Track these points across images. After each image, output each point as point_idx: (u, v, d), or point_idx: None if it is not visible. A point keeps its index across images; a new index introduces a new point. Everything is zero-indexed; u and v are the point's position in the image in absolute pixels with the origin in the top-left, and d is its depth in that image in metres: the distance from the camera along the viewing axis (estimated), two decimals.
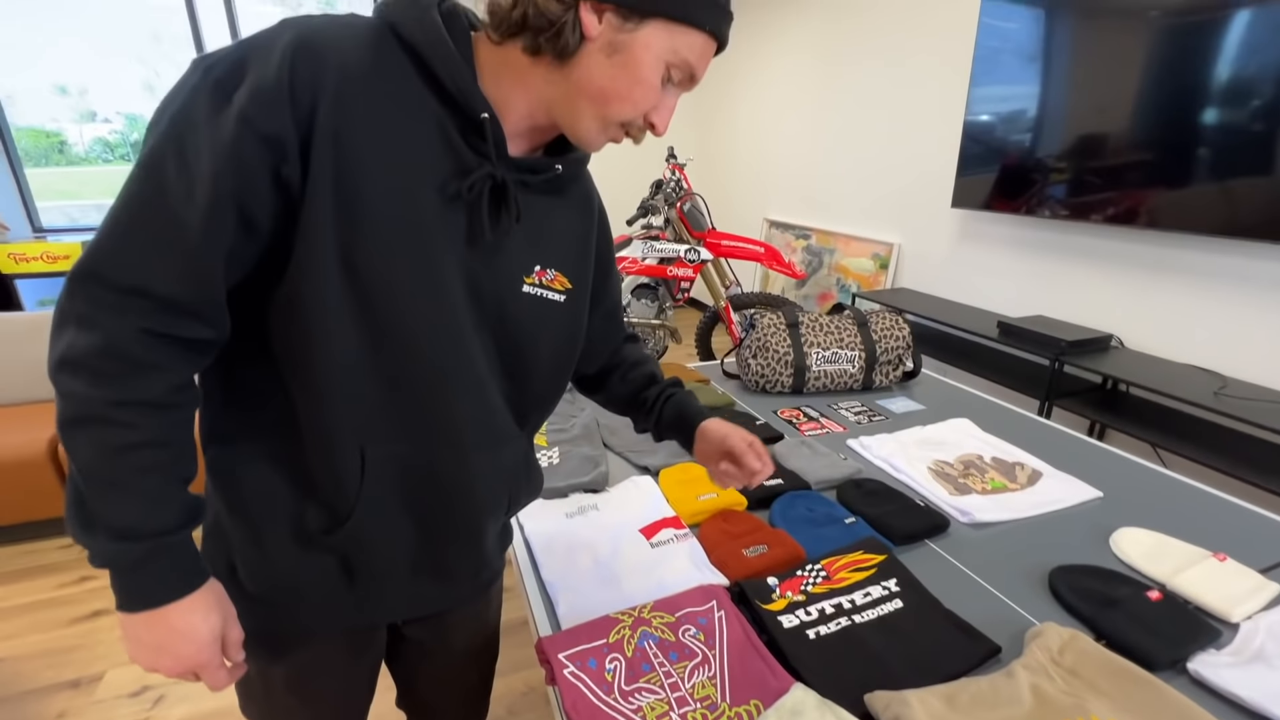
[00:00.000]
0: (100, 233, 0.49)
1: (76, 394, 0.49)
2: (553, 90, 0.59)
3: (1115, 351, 2.09)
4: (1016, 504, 1.08)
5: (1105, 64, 2.04)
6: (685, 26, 0.57)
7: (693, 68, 0.59)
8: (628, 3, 0.54)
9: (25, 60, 3.80)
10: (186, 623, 0.55)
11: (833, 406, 1.50)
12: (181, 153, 0.49)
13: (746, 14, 4.27)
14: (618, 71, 0.57)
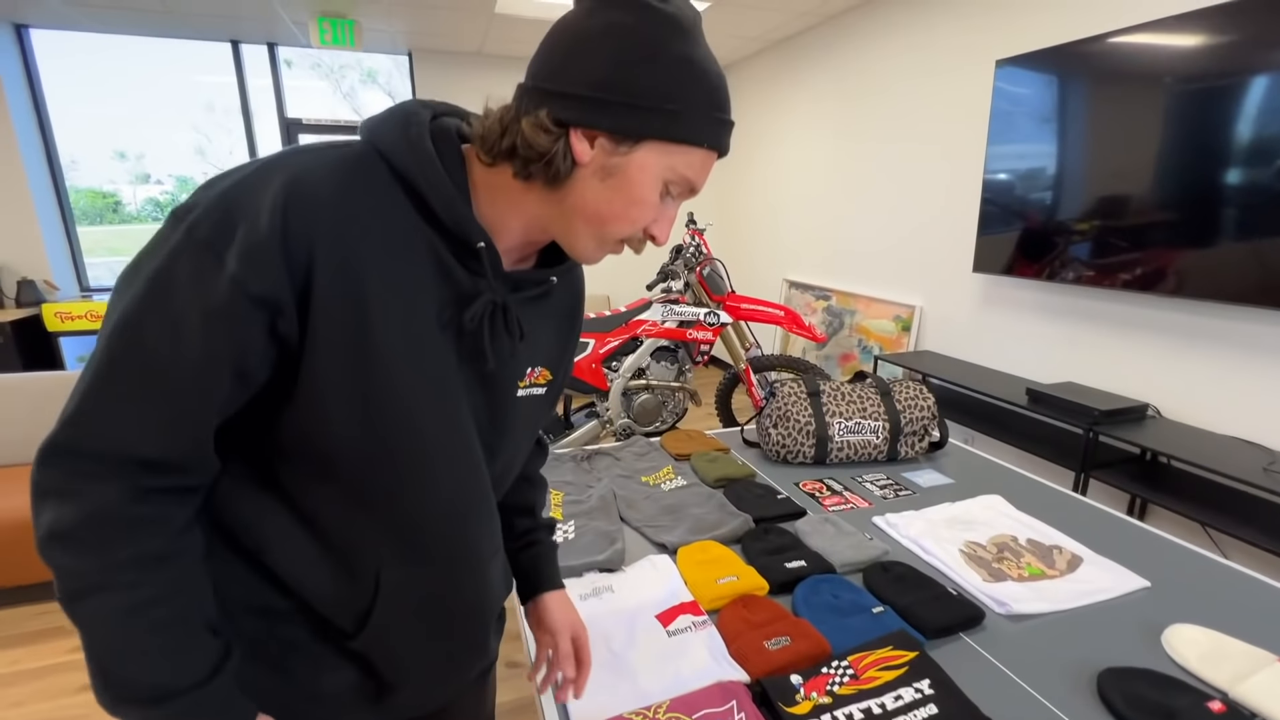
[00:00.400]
0: (74, 402, 0.47)
1: (71, 567, 0.47)
2: (547, 211, 0.58)
3: (1153, 422, 2.02)
4: (1057, 594, 1.02)
5: (1123, 127, 2.06)
6: (682, 145, 0.55)
7: (691, 182, 0.58)
8: (620, 129, 0.53)
9: (89, 128, 4.13)
10: None
11: (857, 479, 1.46)
12: (165, 315, 0.46)
13: (764, 78, 4.43)
14: (613, 194, 0.55)
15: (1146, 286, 2.02)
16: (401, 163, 0.53)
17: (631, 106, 0.52)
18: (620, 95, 0.52)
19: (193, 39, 4.01)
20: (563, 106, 0.52)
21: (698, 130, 0.55)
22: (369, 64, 4.77)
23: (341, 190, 0.51)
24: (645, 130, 0.53)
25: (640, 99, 0.52)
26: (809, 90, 3.92)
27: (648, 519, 1.27)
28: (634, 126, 0.53)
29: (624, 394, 2.58)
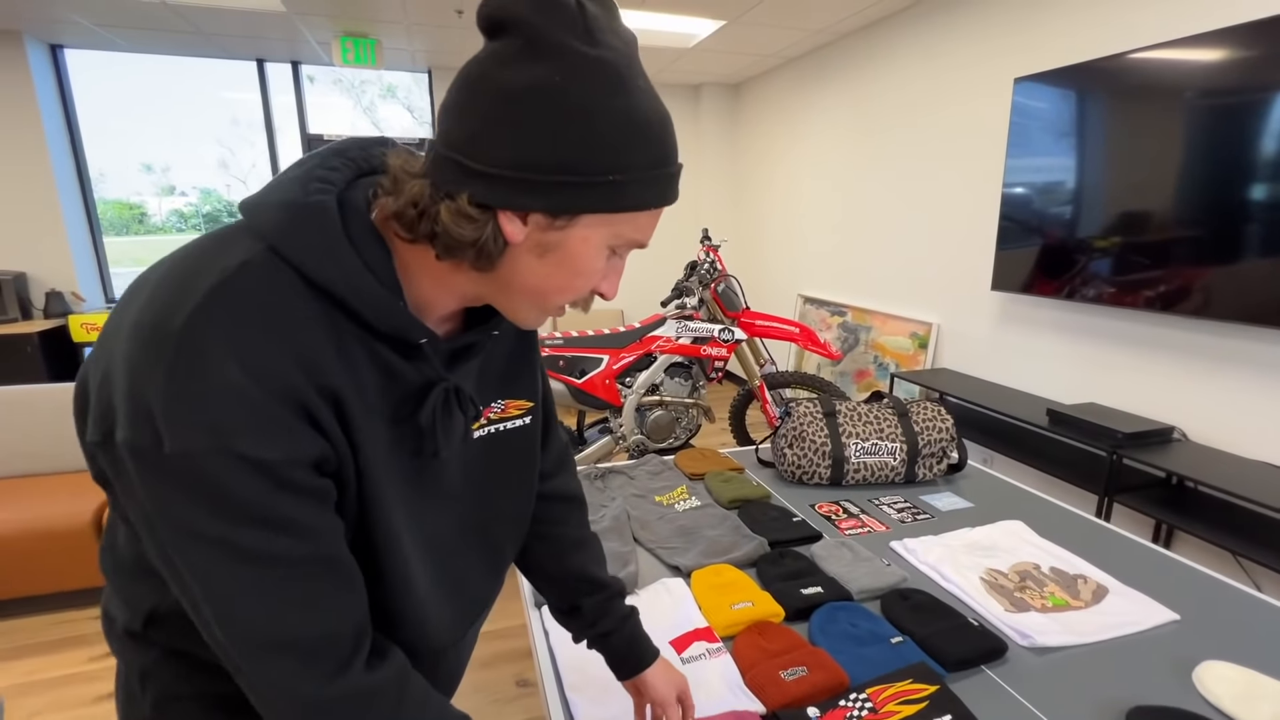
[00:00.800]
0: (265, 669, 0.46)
1: None
2: (479, 287, 0.53)
3: (1178, 445, 1.97)
4: (1082, 626, 0.99)
5: (1143, 145, 2.03)
6: (630, 214, 0.49)
7: (639, 242, 0.53)
8: (555, 208, 0.46)
9: (117, 141, 4.26)
10: None
11: (874, 502, 1.44)
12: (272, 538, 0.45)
13: (779, 95, 4.45)
14: (553, 269, 0.50)
15: (1170, 306, 1.98)
16: (324, 278, 0.46)
17: (565, 184, 0.46)
18: (553, 173, 0.45)
19: (219, 58, 4.11)
20: (486, 189, 0.45)
21: (642, 195, 0.49)
22: (389, 79, 4.86)
23: (278, 320, 0.45)
24: (584, 205, 0.47)
25: (575, 173, 0.45)
26: (824, 107, 3.93)
27: (661, 540, 1.26)
28: (570, 203, 0.46)
29: (637, 410, 2.58)
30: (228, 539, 0.43)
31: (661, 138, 0.49)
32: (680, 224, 5.30)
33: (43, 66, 3.77)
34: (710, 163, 5.15)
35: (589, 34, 0.45)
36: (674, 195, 0.52)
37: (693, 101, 5.14)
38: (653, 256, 5.25)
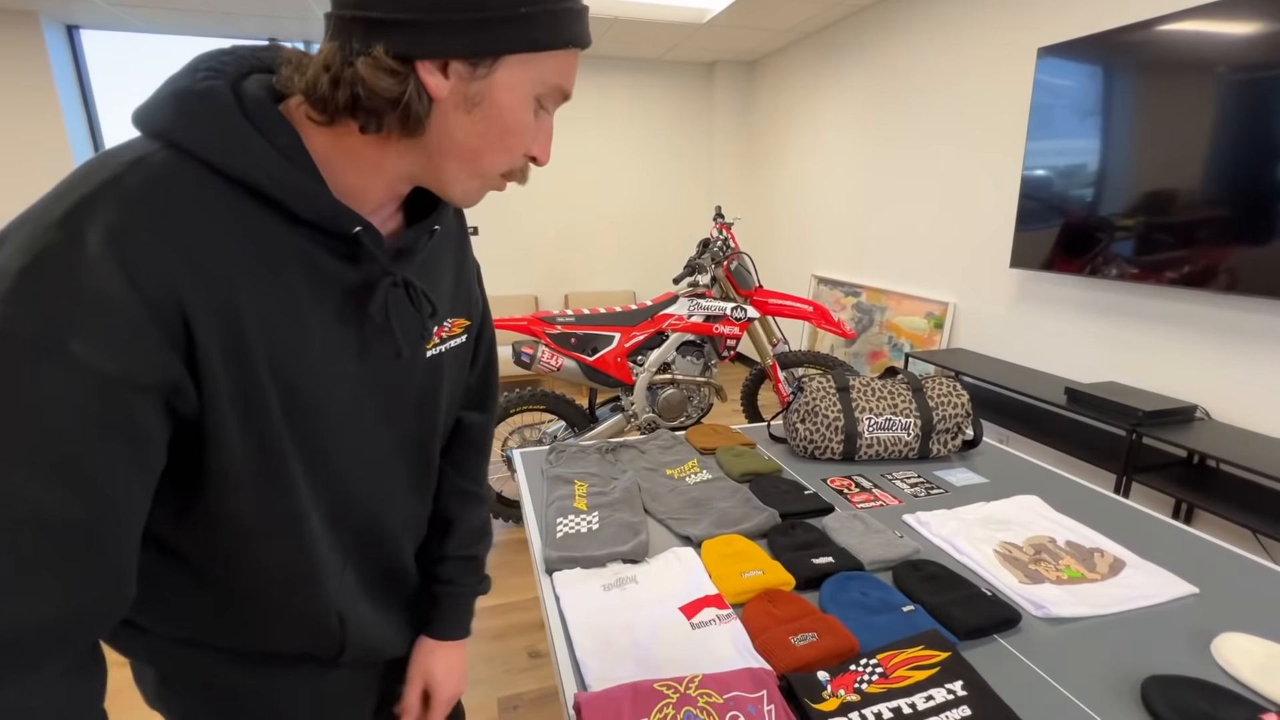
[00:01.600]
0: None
1: None
2: (410, 162, 0.50)
3: (1201, 423, 1.93)
4: (1098, 598, 0.98)
5: (1171, 119, 1.97)
6: (545, 52, 0.47)
7: (563, 88, 0.51)
8: (474, 50, 0.45)
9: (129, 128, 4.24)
10: None
11: (887, 477, 1.43)
12: (36, 458, 0.37)
13: (795, 71, 4.37)
14: (483, 125, 0.48)
15: (1197, 283, 1.93)
16: (230, 165, 0.43)
17: (480, 21, 0.44)
18: (465, 10, 0.43)
19: (232, 37, 4.12)
20: (402, 38, 0.43)
21: (559, 29, 0.47)
22: None
23: (177, 218, 0.41)
24: (503, 44, 0.45)
25: (488, 8, 0.44)
26: (840, 83, 3.85)
27: (672, 511, 1.26)
28: (489, 43, 0.45)
29: (649, 388, 2.57)
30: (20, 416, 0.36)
31: None
32: (692, 201, 5.26)
33: (59, 48, 3.79)
34: (723, 141, 5.09)
35: None
36: (587, 35, 0.50)
37: (706, 79, 5.07)
38: (664, 233, 5.22)
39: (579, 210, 5.00)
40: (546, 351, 2.37)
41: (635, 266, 5.24)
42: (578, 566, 1.06)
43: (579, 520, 1.21)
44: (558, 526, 1.18)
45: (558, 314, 2.45)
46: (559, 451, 1.53)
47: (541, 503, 1.30)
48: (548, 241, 4.99)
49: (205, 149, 0.43)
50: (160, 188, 0.41)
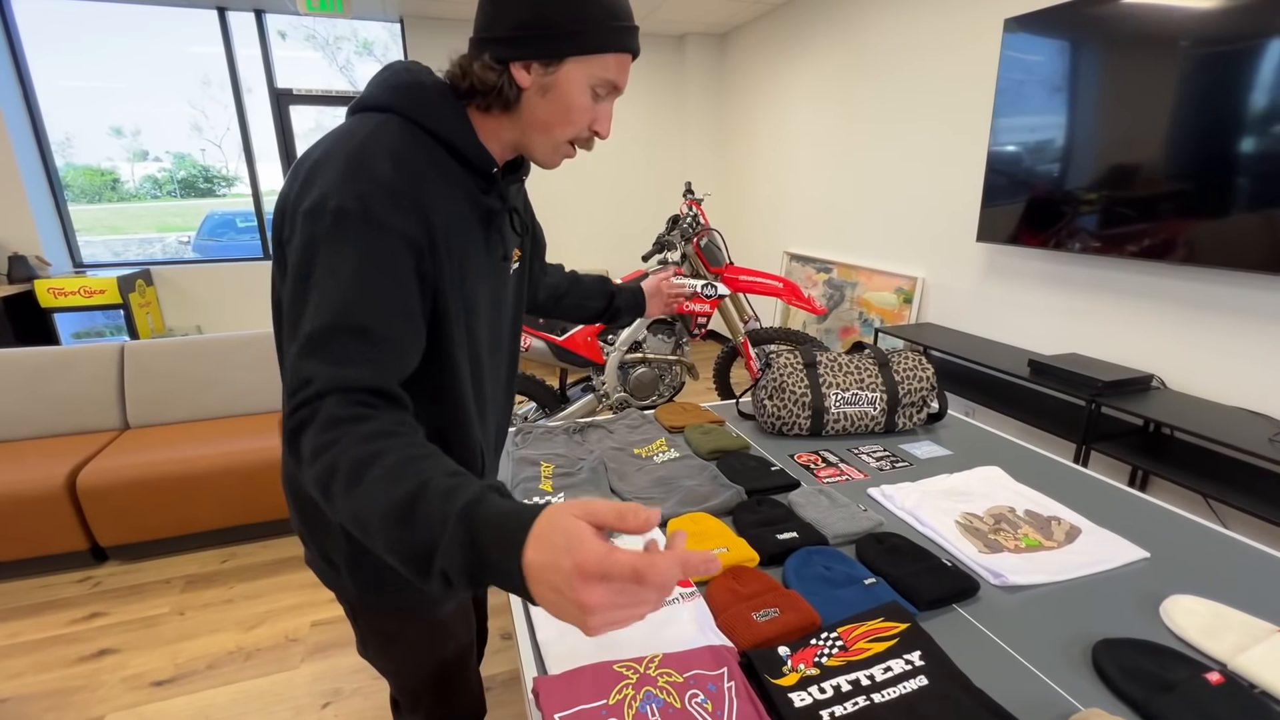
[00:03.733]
0: (318, 356, 0.60)
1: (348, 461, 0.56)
2: (511, 132, 0.76)
3: (1157, 393, 1.98)
4: (1053, 565, 0.99)
5: (1135, 93, 1.98)
6: (596, 55, 0.70)
7: (613, 82, 0.73)
8: (544, 54, 0.68)
9: (84, 104, 4.05)
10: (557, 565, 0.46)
11: (853, 451, 1.43)
12: (366, 278, 0.62)
13: (763, 44, 4.32)
14: (553, 105, 0.71)
15: (1157, 255, 1.97)
16: (434, 124, 0.70)
17: (549, 35, 0.67)
18: (538, 29, 0.67)
19: (177, 5, 3.90)
20: (499, 48, 0.69)
21: (604, 40, 0.69)
22: (364, 34, 4.65)
23: (413, 155, 0.67)
24: (564, 50, 0.68)
25: (554, 28, 0.67)
26: (809, 56, 3.81)
27: (639, 490, 1.25)
28: (555, 49, 0.68)
29: (620, 367, 2.55)
30: (353, 261, 0.61)
31: (614, 2, 0.70)
32: (664, 178, 5.20)
33: None
34: (695, 116, 5.02)
35: None
36: (634, 45, 0.73)
37: (677, 52, 4.98)
38: (635, 210, 5.16)
39: (549, 188, 4.91)
40: None
41: (608, 244, 5.18)
42: None
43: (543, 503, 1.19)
44: None
45: None
46: (525, 433, 1.51)
47: (507, 485, 1.28)
48: None
49: (422, 116, 0.70)
50: (404, 135, 0.68)
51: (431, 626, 0.90)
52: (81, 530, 2.05)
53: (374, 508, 0.52)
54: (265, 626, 1.86)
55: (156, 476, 2.08)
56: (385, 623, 0.88)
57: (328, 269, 0.61)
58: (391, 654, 0.93)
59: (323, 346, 0.59)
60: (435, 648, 0.93)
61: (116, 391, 2.36)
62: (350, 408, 0.57)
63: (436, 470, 0.53)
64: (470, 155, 0.72)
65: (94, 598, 2.00)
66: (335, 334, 0.59)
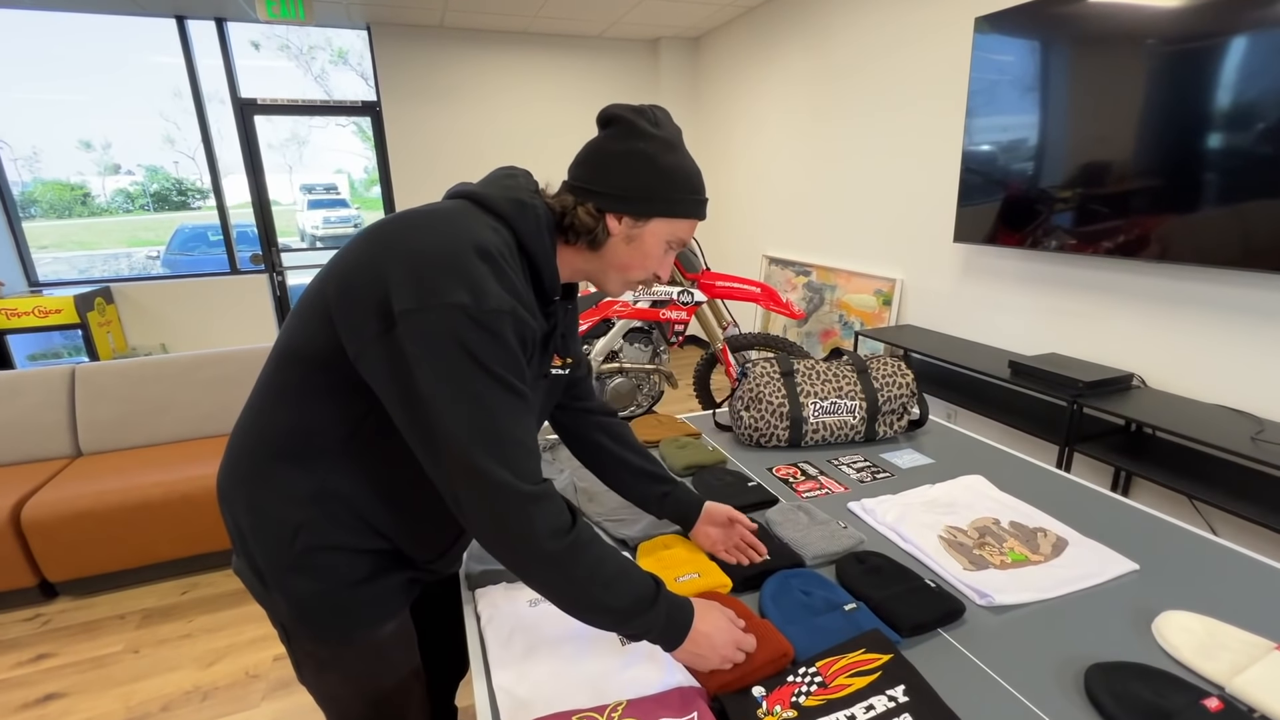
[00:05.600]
0: (493, 457, 0.67)
1: (576, 549, 0.72)
2: (588, 265, 0.87)
3: (1138, 392, 1.96)
4: (1041, 581, 0.95)
5: (1105, 91, 1.97)
6: (678, 219, 0.83)
7: (685, 240, 0.87)
8: (638, 213, 0.81)
9: (51, 118, 3.93)
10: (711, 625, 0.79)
11: (833, 462, 1.39)
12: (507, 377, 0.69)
13: (737, 47, 4.30)
14: (634, 252, 0.84)
15: (1131, 252, 1.95)
16: (534, 248, 0.78)
17: (645, 200, 0.80)
18: (639, 194, 0.80)
19: (134, 14, 3.79)
20: (602, 201, 0.81)
21: (686, 209, 0.83)
22: (339, 43, 4.57)
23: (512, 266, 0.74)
24: (654, 212, 0.81)
25: (650, 194, 0.80)
26: (783, 58, 3.79)
27: (609, 512, 1.19)
28: (647, 210, 0.81)
29: (596, 378, 2.49)
30: (480, 369, 0.67)
31: (696, 177, 0.84)
32: None
33: None
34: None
35: (656, 124, 0.81)
36: (705, 214, 0.87)
37: (651, 57, 4.95)
38: None
39: None
40: None
41: None
42: (502, 581, 0.98)
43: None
44: None
45: None
46: None
47: None
48: None
49: (529, 237, 0.78)
50: (504, 248, 0.74)
51: (368, 652, 0.86)
52: (28, 566, 1.94)
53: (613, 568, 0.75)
54: (225, 662, 1.76)
55: (109, 506, 1.97)
56: (318, 648, 0.85)
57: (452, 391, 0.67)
58: (326, 681, 0.89)
59: (489, 464, 0.68)
60: (373, 675, 0.88)
61: (68, 417, 2.25)
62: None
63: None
64: (546, 281, 0.81)
65: (42, 637, 1.88)
66: (495, 456, 0.68)
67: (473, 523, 0.69)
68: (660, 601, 0.76)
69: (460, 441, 0.66)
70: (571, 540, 0.71)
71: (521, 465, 0.69)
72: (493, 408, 0.67)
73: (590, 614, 0.74)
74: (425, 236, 0.69)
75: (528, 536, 0.69)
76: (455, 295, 0.65)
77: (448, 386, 0.65)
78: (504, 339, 0.67)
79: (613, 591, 0.73)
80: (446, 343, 0.65)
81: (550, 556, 0.70)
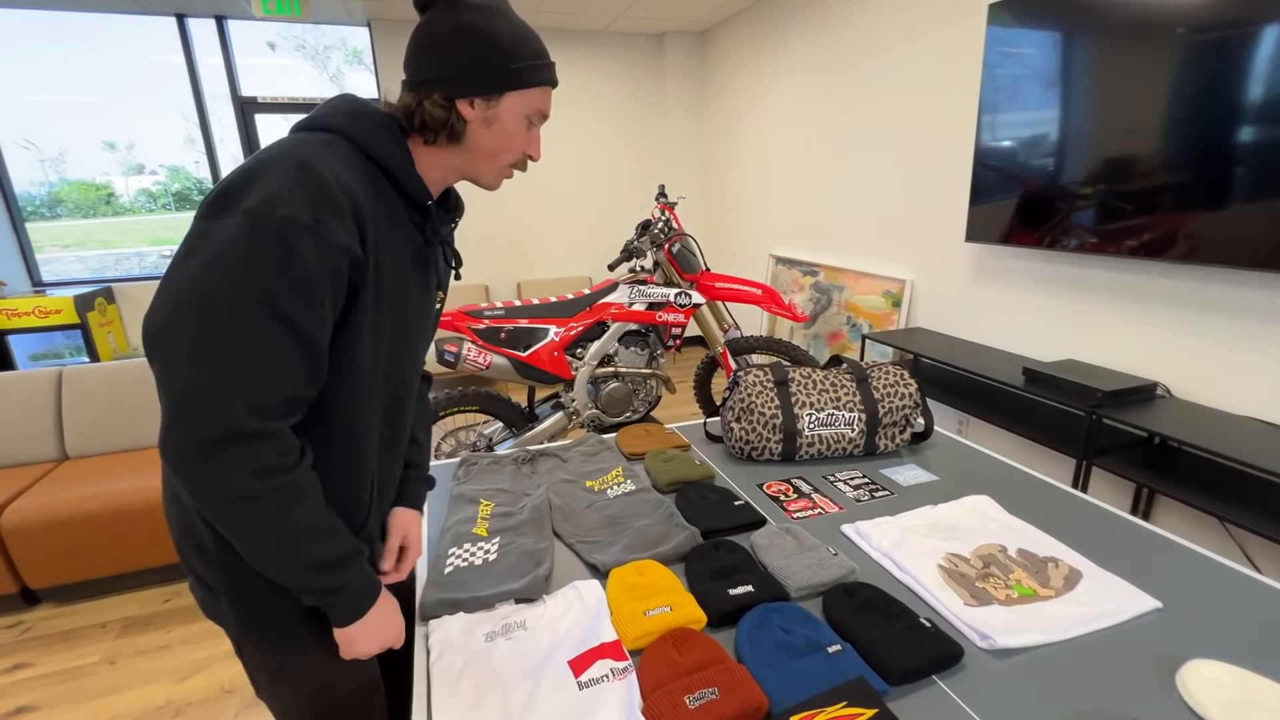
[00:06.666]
0: (228, 378, 0.61)
1: (262, 490, 0.64)
2: (457, 161, 0.82)
3: (1162, 402, 1.84)
4: (1051, 620, 0.86)
5: (1128, 82, 1.85)
6: (528, 89, 0.79)
7: (542, 111, 0.83)
8: (486, 90, 0.77)
9: (77, 119, 4.01)
10: (385, 611, 0.80)
11: (829, 479, 1.30)
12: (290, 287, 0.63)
13: (742, 42, 4.19)
14: (496, 135, 0.80)
15: (1156, 252, 1.83)
16: (379, 152, 0.74)
17: (491, 76, 0.76)
18: (482, 72, 0.76)
19: (134, 13, 3.77)
20: (447, 88, 0.76)
21: (536, 76, 0.79)
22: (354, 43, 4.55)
23: (353, 172, 0.70)
24: (503, 87, 0.77)
25: (494, 69, 0.76)
26: (791, 52, 3.68)
27: (584, 533, 1.11)
28: (496, 86, 0.77)
29: (591, 382, 2.41)
30: (276, 296, 0.62)
31: (536, 43, 0.80)
32: (649, 181, 5.07)
33: None
34: (677, 117, 4.90)
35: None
36: (555, 79, 0.83)
37: (656, 51, 4.86)
38: (616, 214, 5.03)
39: (528, 195, 4.78)
40: (472, 349, 2.19)
41: (590, 251, 5.05)
42: (460, 610, 0.90)
43: (475, 550, 1.05)
44: (448, 559, 1.03)
45: (485, 307, 2.27)
46: (470, 464, 1.37)
47: (437, 528, 1.14)
48: (497, 228, 4.77)
49: (368, 143, 0.73)
50: (349, 154, 0.71)
51: (320, 664, 0.82)
52: (9, 573, 1.90)
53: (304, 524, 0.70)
54: (200, 676, 1.71)
55: (91, 512, 1.93)
56: (268, 659, 0.82)
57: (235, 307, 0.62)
58: (277, 695, 0.86)
59: (215, 380, 0.62)
60: (327, 687, 0.85)
61: (54, 421, 2.22)
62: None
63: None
64: (407, 185, 0.77)
65: (21, 646, 1.85)
66: (224, 374, 0.62)
67: (168, 438, 0.61)
68: (355, 566, 0.74)
69: (185, 338, 0.60)
70: (282, 483, 0.65)
71: (251, 396, 0.61)
72: (249, 320, 0.60)
73: (269, 563, 0.69)
74: (245, 165, 0.66)
75: (231, 467, 0.62)
76: (247, 201, 0.61)
77: (199, 282, 0.60)
78: (299, 257, 0.61)
79: (310, 548, 0.69)
80: (224, 244, 0.60)
81: (245, 496, 0.63)
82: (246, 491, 0.63)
